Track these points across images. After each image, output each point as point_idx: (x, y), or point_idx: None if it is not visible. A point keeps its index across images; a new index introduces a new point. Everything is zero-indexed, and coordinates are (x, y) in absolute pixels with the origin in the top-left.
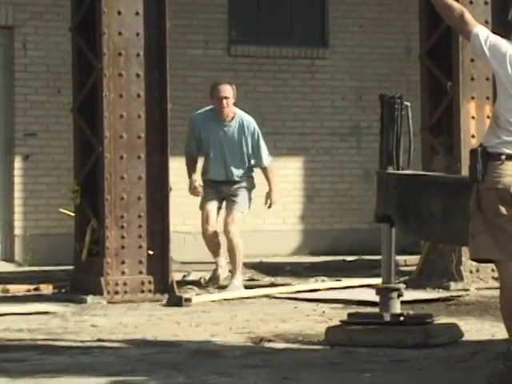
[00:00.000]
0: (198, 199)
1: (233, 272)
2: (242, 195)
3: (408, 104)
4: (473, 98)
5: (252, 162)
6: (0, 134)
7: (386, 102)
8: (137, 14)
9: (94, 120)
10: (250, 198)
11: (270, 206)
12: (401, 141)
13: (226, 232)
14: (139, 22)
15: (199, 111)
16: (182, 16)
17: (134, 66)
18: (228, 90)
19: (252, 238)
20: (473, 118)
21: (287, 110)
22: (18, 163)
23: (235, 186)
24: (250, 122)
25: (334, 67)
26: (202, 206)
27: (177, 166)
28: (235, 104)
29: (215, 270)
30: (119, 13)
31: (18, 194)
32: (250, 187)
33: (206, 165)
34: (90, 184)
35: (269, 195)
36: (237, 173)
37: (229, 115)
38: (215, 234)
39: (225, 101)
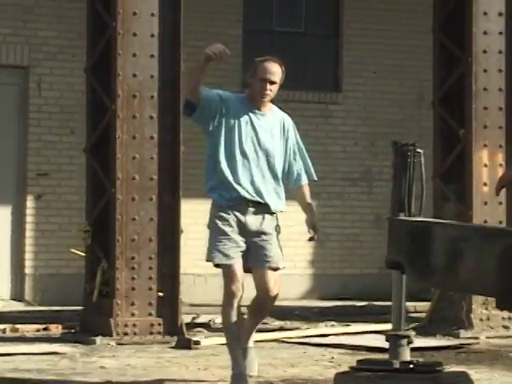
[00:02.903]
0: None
1: (251, 332)
2: (276, 244)
3: (421, 151)
4: (485, 145)
5: (286, 180)
6: (13, 173)
7: (398, 149)
8: (152, 56)
9: (106, 161)
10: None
11: (312, 239)
12: (413, 188)
13: (269, 298)
14: (154, 65)
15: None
16: (196, 59)
17: (147, 108)
18: (277, 73)
19: None
20: (485, 165)
21: None
22: (29, 202)
23: (265, 229)
24: (290, 120)
25: (347, 112)
26: (213, 257)
27: (188, 209)
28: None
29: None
30: (134, 55)
31: (29, 233)
32: (279, 230)
33: (221, 174)
34: (102, 225)
35: (311, 221)
36: (273, 197)
37: (266, 105)
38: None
39: (269, 86)
